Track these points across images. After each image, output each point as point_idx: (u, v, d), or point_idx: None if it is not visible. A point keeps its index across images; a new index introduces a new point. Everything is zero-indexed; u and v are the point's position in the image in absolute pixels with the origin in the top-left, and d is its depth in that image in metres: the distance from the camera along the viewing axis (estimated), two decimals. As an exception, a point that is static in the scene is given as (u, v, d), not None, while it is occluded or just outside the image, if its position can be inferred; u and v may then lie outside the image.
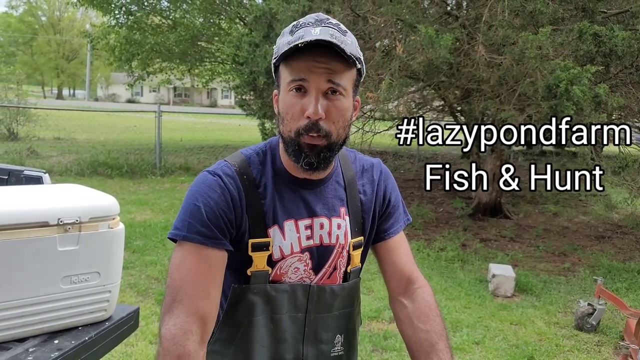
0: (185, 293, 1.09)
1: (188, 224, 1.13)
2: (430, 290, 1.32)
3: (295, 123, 1.12)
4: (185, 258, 1.13)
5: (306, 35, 1.07)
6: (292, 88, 1.11)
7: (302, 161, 1.14)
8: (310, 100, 1.10)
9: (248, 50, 7.87)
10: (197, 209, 1.14)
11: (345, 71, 1.11)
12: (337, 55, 1.08)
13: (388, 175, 1.38)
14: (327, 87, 1.10)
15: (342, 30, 1.11)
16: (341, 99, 1.12)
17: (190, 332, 1.06)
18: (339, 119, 1.13)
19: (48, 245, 1.52)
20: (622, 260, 6.17)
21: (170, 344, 1.04)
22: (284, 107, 1.14)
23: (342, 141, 1.17)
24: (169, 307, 1.09)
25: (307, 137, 1.11)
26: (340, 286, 1.26)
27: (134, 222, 6.67)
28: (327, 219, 1.24)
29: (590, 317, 4.16)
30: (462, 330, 4.06)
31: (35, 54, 50.99)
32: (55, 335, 1.59)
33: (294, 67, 1.10)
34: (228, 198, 1.16)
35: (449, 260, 5.85)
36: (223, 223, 1.14)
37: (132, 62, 15.67)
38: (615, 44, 4.80)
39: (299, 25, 1.12)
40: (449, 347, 1.21)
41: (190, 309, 1.08)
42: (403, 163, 14.12)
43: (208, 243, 1.12)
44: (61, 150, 13.22)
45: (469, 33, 6.12)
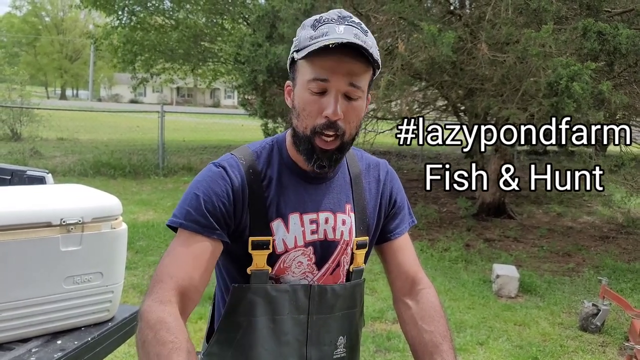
0: (167, 274, 1.09)
1: (186, 212, 1.14)
2: (435, 291, 1.31)
3: (312, 120, 1.12)
4: (177, 244, 1.14)
5: (330, 32, 1.08)
6: (312, 87, 1.11)
7: (314, 163, 1.15)
8: (329, 100, 1.10)
9: (250, 49, 7.88)
10: (196, 198, 1.14)
11: (365, 72, 1.12)
12: (360, 56, 1.08)
13: (394, 176, 1.38)
14: (347, 89, 1.10)
15: (364, 30, 1.12)
16: (359, 101, 1.13)
17: (169, 302, 1.05)
18: (355, 119, 1.15)
19: (51, 246, 1.52)
20: (627, 261, 6.14)
21: (148, 314, 1.02)
22: (302, 103, 1.14)
23: (352, 140, 1.18)
24: (151, 287, 1.09)
25: (321, 141, 1.12)
26: (341, 286, 1.25)
27: (137, 222, 6.67)
28: (332, 214, 1.24)
29: (594, 318, 4.14)
30: (465, 331, 4.05)
31: (38, 55, 51.11)
32: (58, 335, 1.59)
33: (317, 65, 1.09)
34: (229, 190, 1.15)
35: (452, 260, 5.83)
36: (221, 214, 1.14)
37: (135, 63, 15.69)
38: (619, 42, 4.78)
39: (322, 21, 1.11)
40: (452, 348, 1.20)
41: (169, 285, 1.07)
42: (406, 163, 14.10)
43: (203, 232, 1.12)
44: (64, 150, 13.25)
45: (472, 32, 6.11)
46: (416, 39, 5.55)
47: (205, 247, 1.13)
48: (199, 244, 1.12)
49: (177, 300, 1.07)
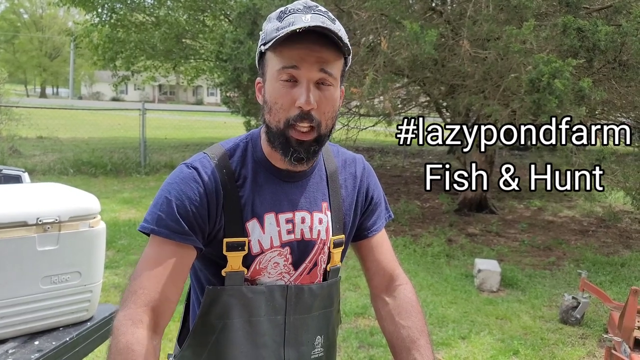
0: (140, 285, 1.06)
1: (157, 218, 1.10)
2: (412, 287, 1.31)
3: (285, 113, 1.08)
4: (150, 252, 1.11)
5: (297, 21, 1.04)
6: (282, 78, 1.07)
7: (290, 156, 1.11)
8: (301, 90, 1.06)
9: (232, 47, 7.83)
10: (168, 202, 1.10)
11: (336, 60, 1.09)
12: (329, 43, 1.05)
13: (370, 172, 1.35)
14: (319, 77, 1.07)
15: (332, 18, 1.08)
16: (331, 89, 1.10)
17: (140, 322, 1.03)
18: (329, 109, 1.11)
19: (27, 246, 1.50)
20: (606, 254, 6.24)
21: (118, 333, 1.01)
22: (273, 96, 1.10)
23: (330, 132, 1.14)
24: (124, 299, 1.07)
25: (295, 132, 1.08)
26: (319, 285, 1.23)
27: (118, 221, 6.62)
28: (308, 213, 1.20)
29: (574, 311, 4.20)
30: (448, 326, 4.08)
31: (17, 52, 50.35)
32: (36, 336, 1.57)
33: (285, 55, 1.06)
34: (202, 192, 1.12)
35: (435, 255, 5.87)
36: (194, 218, 1.10)
37: (116, 61, 15.52)
38: (598, 39, 4.84)
39: (288, 12, 1.08)
40: (430, 343, 1.20)
41: (142, 300, 1.05)
42: (389, 159, 14.14)
43: (175, 238, 1.09)
44: (44, 149, 13.09)
45: (454, 28, 6.14)
46: (399, 37, 5.56)
47: (178, 255, 1.10)
48: (172, 251, 1.09)
49: (150, 318, 1.04)
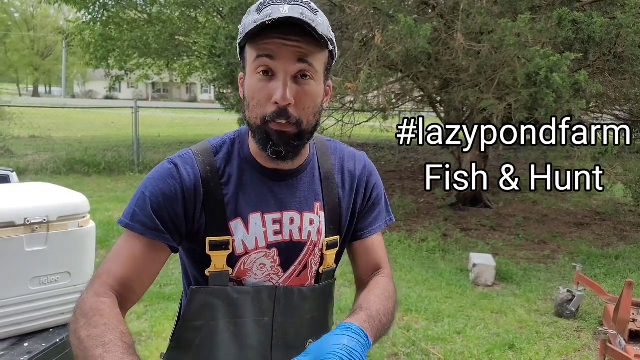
0: (106, 271, 1.05)
1: (132, 212, 1.08)
2: (392, 282, 1.24)
3: (262, 109, 1.04)
4: (122, 245, 1.09)
5: (274, 13, 0.99)
6: (259, 70, 1.02)
7: (269, 149, 1.06)
8: (278, 84, 1.01)
9: (225, 42, 7.79)
10: (143, 198, 1.08)
11: (316, 53, 1.03)
12: (308, 35, 1.00)
13: (372, 170, 1.28)
14: (297, 69, 1.02)
15: (313, 9, 1.03)
16: (311, 83, 1.04)
17: (105, 294, 1.01)
18: (309, 104, 1.05)
19: (15, 246, 1.48)
20: (601, 247, 6.25)
21: (82, 304, 0.98)
22: (250, 92, 1.05)
23: (313, 129, 1.09)
24: (90, 283, 1.05)
25: (274, 124, 1.03)
26: (310, 288, 1.18)
27: (112, 219, 6.58)
28: (298, 214, 1.16)
29: (569, 304, 4.20)
30: (443, 320, 4.07)
31: (9, 51, 50.02)
32: (25, 338, 1.55)
33: (261, 47, 1.01)
34: (179, 189, 1.08)
35: (430, 250, 5.87)
36: (168, 215, 1.07)
37: (109, 60, 15.42)
38: (593, 31, 4.83)
39: (266, 3, 1.03)
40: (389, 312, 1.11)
41: (106, 282, 1.03)
42: (384, 155, 14.14)
43: (147, 234, 1.06)
44: (37, 148, 13.01)
45: (447, 22, 6.12)
46: (392, 31, 5.53)
47: (146, 250, 1.07)
48: (143, 247, 1.07)
49: (114, 293, 1.03)
